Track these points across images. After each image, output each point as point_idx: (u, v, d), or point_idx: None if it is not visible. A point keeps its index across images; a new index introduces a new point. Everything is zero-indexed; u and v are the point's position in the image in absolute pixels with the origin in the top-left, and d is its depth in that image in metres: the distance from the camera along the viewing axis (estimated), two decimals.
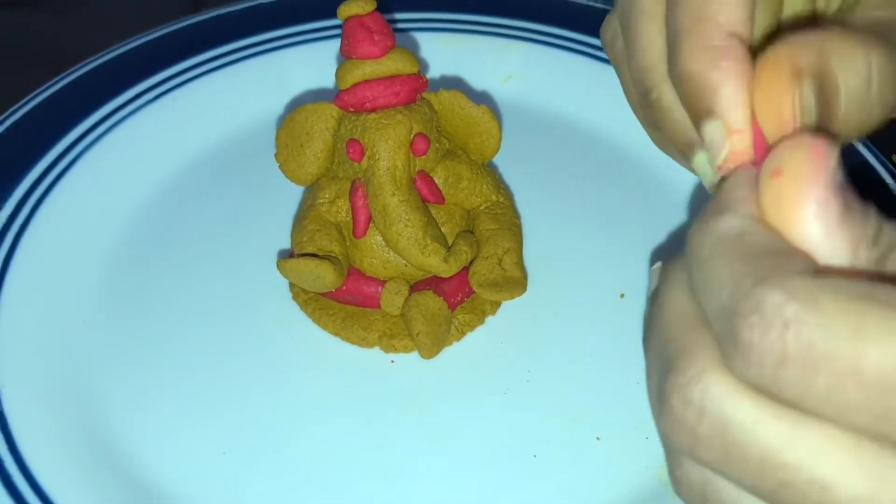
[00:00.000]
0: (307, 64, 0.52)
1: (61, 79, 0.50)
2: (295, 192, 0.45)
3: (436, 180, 0.41)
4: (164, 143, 0.49)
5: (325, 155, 0.40)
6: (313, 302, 0.41)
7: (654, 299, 0.23)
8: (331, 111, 0.40)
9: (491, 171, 0.43)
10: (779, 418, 0.19)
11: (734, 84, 0.24)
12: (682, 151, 0.28)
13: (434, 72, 0.52)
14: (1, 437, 0.36)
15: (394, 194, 0.38)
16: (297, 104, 0.47)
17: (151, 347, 0.40)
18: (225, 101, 0.51)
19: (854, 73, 0.24)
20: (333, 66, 0.40)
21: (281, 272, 0.39)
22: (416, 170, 0.40)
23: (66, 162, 0.46)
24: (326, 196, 0.41)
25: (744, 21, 0.25)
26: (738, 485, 0.21)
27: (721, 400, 0.20)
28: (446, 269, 0.39)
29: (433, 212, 0.40)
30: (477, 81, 0.53)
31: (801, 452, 0.19)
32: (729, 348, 0.19)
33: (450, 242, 0.40)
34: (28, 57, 0.56)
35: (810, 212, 0.20)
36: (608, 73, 0.51)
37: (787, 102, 0.23)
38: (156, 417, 0.38)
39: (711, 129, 0.25)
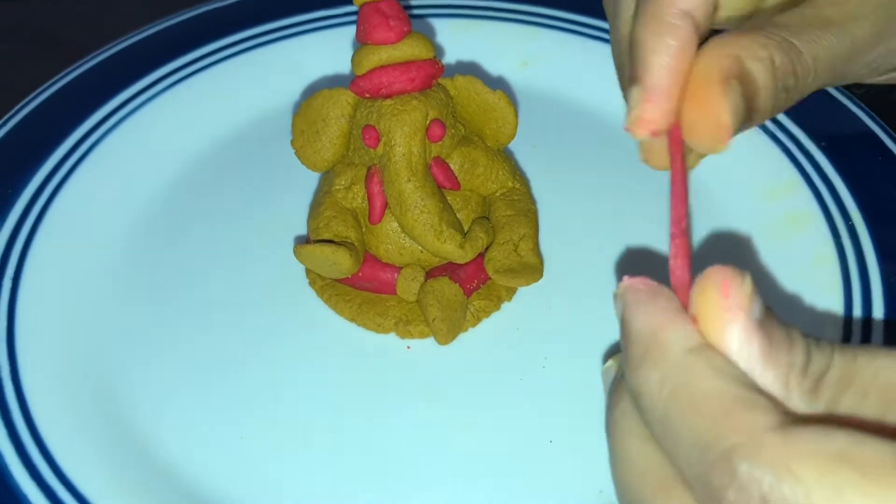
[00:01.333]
0: (323, 50, 0.52)
1: (75, 68, 0.50)
2: (311, 179, 0.45)
3: (451, 166, 0.40)
4: (180, 131, 0.49)
5: (340, 141, 0.40)
6: (329, 288, 0.42)
7: (611, 449, 0.23)
8: (346, 97, 0.40)
9: (507, 157, 0.43)
10: None
11: (667, 60, 0.26)
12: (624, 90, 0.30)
13: (450, 57, 0.52)
14: (23, 422, 0.36)
15: (409, 180, 0.38)
16: (312, 90, 0.47)
17: (170, 334, 0.41)
18: (241, 89, 0.51)
19: (764, 70, 0.26)
20: (349, 53, 0.40)
21: (297, 258, 0.39)
22: (432, 156, 0.40)
23: (83, 150, 0.47)
24: (342, 182, 0.41)
25: (701, 4, 0.26)
26: None
27: None
28: (462, 256, 0.39)
29: (449, 198, 0.40)
30: (493, 67, 0.52)
31: None
32: None
33: (465, 229, 0.40)
34: (42, 48, 0.57)
35: (733, 353, 0.20)
36: None
37: (724, 110, 0.25)
38: (174, 402, 0.38)
39: (632, 94, 0.26)
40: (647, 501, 0.21)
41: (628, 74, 0.28)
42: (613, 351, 0.42)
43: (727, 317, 0.20)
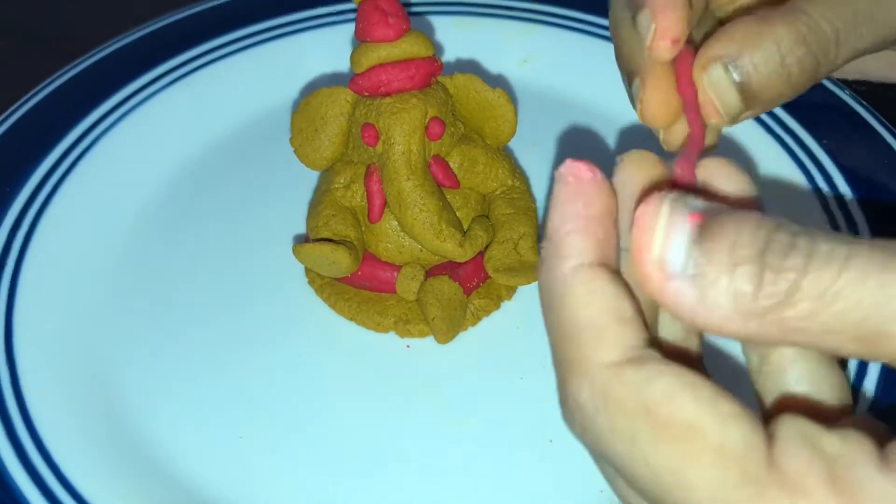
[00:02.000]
0: (322, 48, 0.52)
1: (77, 65, 0.50)
2: (310, 177, 0.45)
3: (451, 165, 0.40)
4: (179, 128, 0.49)
5: (339, 139, 0.40)
6: (329, 287, 0.41)
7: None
8: (346, 95, 0.40)
9: (506, 155, 0.43)
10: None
11: None
12: (625, 75, 0.31)
13: (449, 55, 0.52)
14: (22, 423, 0.36)
15: (409, 179, 0.38)
16: (311, 89, 0.47)
17: (168, 333, 0.41)
18: (240, 86, 0.51)
19: (764, 53, 0.28)
20: (348, 50, 0.40)
21: (296, 257, 0.39)
22: (432, 154, 0.40)
23: (81, 148, 0.47)
24: (341, 181, 0.41)
25: None
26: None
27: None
28: (462, 254, 0.39)
29: (448, 196, 0.40)
30: (492, 65, 0.52)
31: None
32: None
33: (465, 227, 0.40)
34: (42, 45, 0.56)
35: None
36: None
37: (698, 84, 0.28)
38: (173, 402, 0.38)
39: (641, 18, 0.28)
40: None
41: (631, 5, 0.29)
42: None
43: (643, 269, 0.21)
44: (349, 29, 0.51)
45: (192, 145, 0.49)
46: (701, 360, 0.25)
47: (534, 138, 0.48)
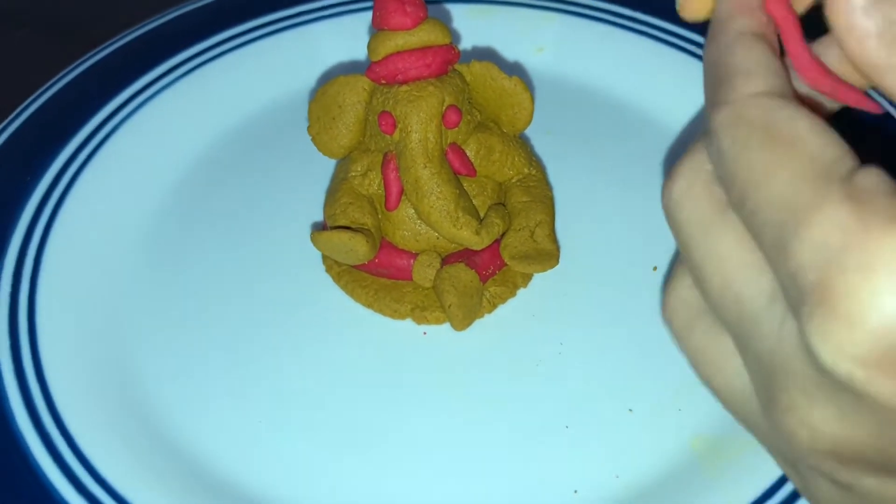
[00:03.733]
0: (339, 36, 0.52)
1: (95, 54, 0.51)
2: (327, 166, 0.45)
3: (467, 152, 0.40)
4: (197, 117, 0.49)
5: (357, 127, 0.41)
6: (346, 274, 0.42)
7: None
8: (363, 83, 0.40)
9: (523, 143, 0.43)
10: (700, 222, 0.23)
11: None
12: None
13: (466, 43, 0.52)
14: (45, 408, 0.37)
15: (425, 167, 0.38)
16: (329, 77, 0.47)
17: (188, 320, 0.41)
18: (257, 75, 0.51)
19: None
20: (365, 39, 0.40)
21: (314, 245, 0.40)
22: (448, 142, 0.40)
23: (99, 138, 0.47)
24: (358, 169, 0.41)
25: None
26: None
27: (676, 200, 0.24)
28: (478, 242, 0.39)
29: (465, 184, 0.40)
30: (509, 53, 0.52)
31: (701, 250, 0.23)
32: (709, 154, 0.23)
33: (481, 215, 0.40)
34: (59, 35, 0.57)
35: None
36: (640, 45, 0.51)
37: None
38: (192, 387, 0.39)
39: None
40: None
41: None
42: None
43: None
44: (366, 17, 0.51)
45: (210, 134, 0.49)
46: None
47: (550, 126, 0.48)
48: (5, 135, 0.46)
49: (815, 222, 0.19)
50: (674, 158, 0.47)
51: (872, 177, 0.19)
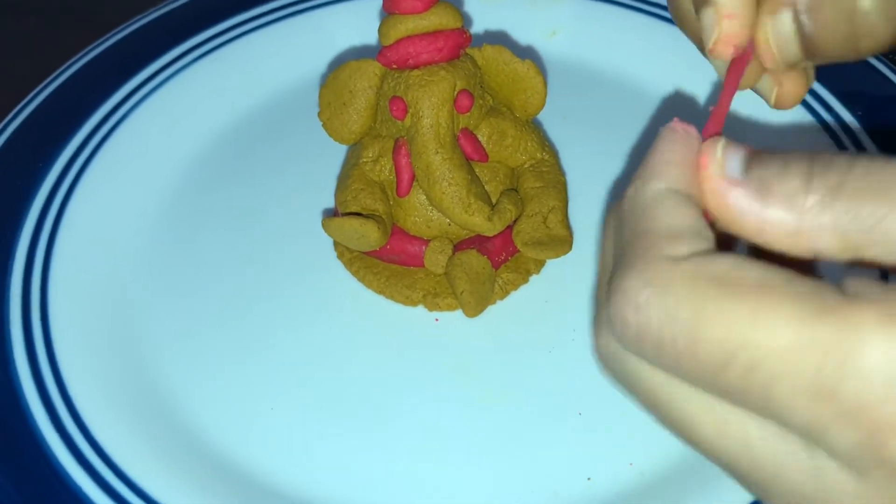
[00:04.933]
0: (350, 21, 0.51)
1: (106, 40, 0.50)
2: (339, 151, 0.45)
3: (479, 138, 0.40)
4: (207, 103, 0.49)
5: (368, 113, 0.40)
6: (358, 261, 0.42)
7: (601, 235, 0.25)
8: (374, 68, 0.40)
9: (535, 128, 0.42)
10: (656, 374, 0.21)
11: None
12: (698, 45, 0.30)
13: (478, 27, 0.52)
14: (59, 395, 0.37)
15: (437, 152, 0.38)
16: (340, 62, 0.47)
17: (198, 306, 0.41)
18: (268, 61, 0.51)
19: (835, 9, 0.26)
20: (376, 23, 0.40)
21: (326, 231, 0.39)
22: (460, 127, 0.39)
23: (111, 124, 0.47)
24: (370, 155, 0.40)
25: None
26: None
27: (615, 353, 0.22)
28: (490, 228, 0.39)
29: (477, 170, 0.40)
30: (521, 36, 0.52)
31: (672, 399, 0.21)
32: (608, 317, 0.21)
33: (494, 201, 0.40)
34: (71, 21, 0.57)
35: (735, 210, 0.21)
36: (655, 27, 0.50)
37: (762, 36, 0.26)
38: (204, 374, 0.39)
39: (706, 15, 0.27)
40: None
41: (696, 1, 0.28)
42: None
43: (707, 184, 0.22)
44: (377, 1, 0.51)
45: (221, 120, 0.49)
46: None
47: (563, 111, 0.47)
48: (19, 120, 0.46)
49: (867, 354, 0.18)
50: None
51: (866, 284, 0.18)
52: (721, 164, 0.22)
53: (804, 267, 0.21)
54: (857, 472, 0.19)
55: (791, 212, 0.20)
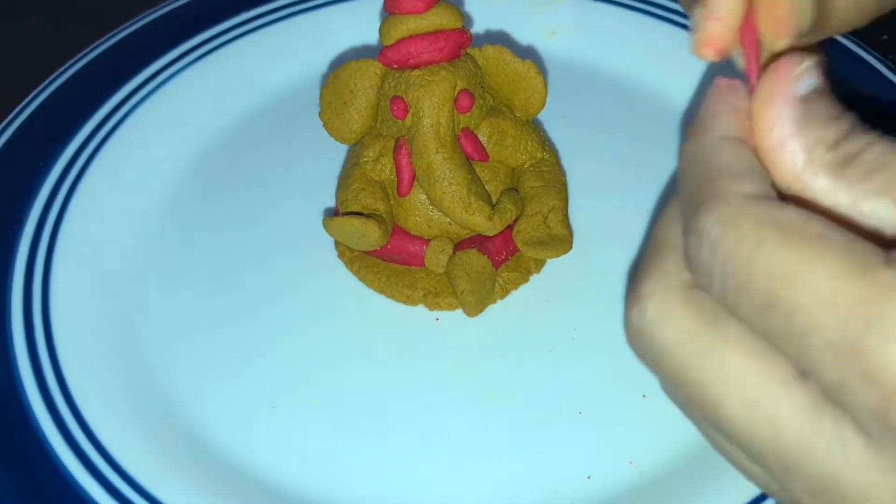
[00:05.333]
0: (351, 21, 0.51)
1: (107, 40, 0.51)
2: (339, 151, 0.45)
3: (480, 137, 0.40)
4: (208, 102, 0.49)
5: (368, 112, 0.40)
6: (359, 260, 0.42)
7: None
8: (374, 68, 0.40)
9: (536, 127, 0.42)
10: (693, 341, 0.21)
11: None
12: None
13: (478, 27, 0.52)
14: (61, 396, 0.37)
15: (438, 152, 0.38)
16: (340, 62, 0.47)
17: (200, 304, 0.41)
18: (269, 60, 0.51)
19: None
20: (377, 23, 0.40)
21: (327, 230, 0.40)
22: (461, 127, 0.39)
23: (113, 123, 0.47)
24: (370, 154, 0.41)
25: None
26: (672, 398, 0.24)
27: (651, 321, 0.22)
28: (491, 227, 0.39)
29: (477, 169, 0.40)
30: (522, 36, 0.52)
31: (705, 373, 0.21)
32: (686, 260, 0.22)
33: (494, 200, 0.40)
34: (73, 20, 0.57)
35: (768, 121, 0.22)
36: (655, 27, 0.51)
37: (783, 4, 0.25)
38: (204, 373, 0.39)
39: (697, 13, 0.27)
40: (647, 252, 0.24)
41: None
42: None
43: (769, 90, 0.22)
44: (378, 1, 0.51)
45: (222, 119, 0.49)
46: None
47: (563, 110, 0.47)
48: (20, 119, 0.46)
49: (892, 317, 0.18)
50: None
51: None
52: (791, 84, 0.22)
53: (865, 235, 0.21)
54: (875, 442, 0.19)
55: (805, 155, 0.21)
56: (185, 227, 0.44)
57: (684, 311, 0.22)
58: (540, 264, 0.42)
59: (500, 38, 0.51)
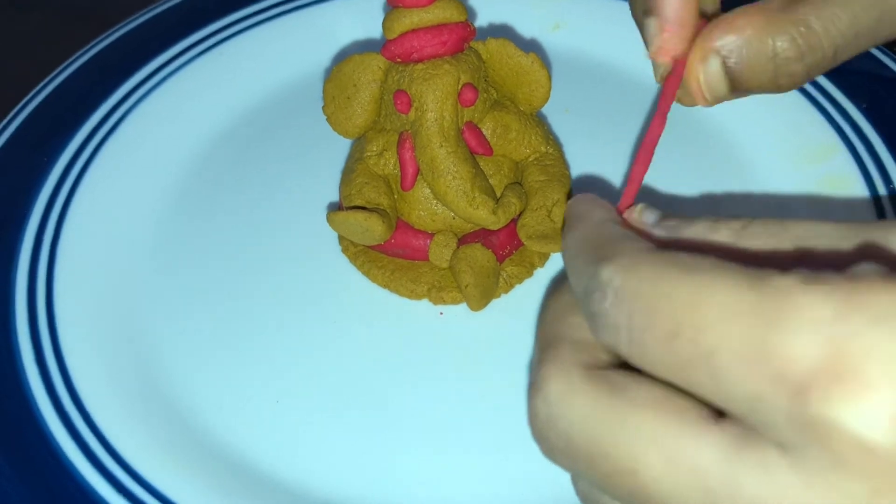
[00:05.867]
0: (354, 15, 0.51)
1: (108, 35, 0.51)
2: (343, 145, 0.45)
3: (484, 131, 0.40)
4: (211, 97, 0.49)
5: (372, 107, 0.40)
6: (362, 254, 0.42)
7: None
8: (378, 62, 0.40)
9: (540, 121, 0.42)
10: (602, 412, 0.21)
11: None
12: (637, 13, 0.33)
13: (482, 20, 0.52)
14: (64, 389, 0.37)
15: (441, 146, 0.38)
16: (344, 56, 0.47)
17: (203, 300, 0.41)
18: (272, 55, 0.51)
19: (758, 50, 0.29)
20: (380, 17, 0.40)
21: (330, 225, 0.40)
22: (464, 121, 0.39)
23: (115, 119, 0.47)
24: (374, 149, 0.40)
25: None
26: (592, 484, 0.23)
27: (556, 404, 0.22)
28: (495, 222, 0.39)
29: (481, 163, 0.40)
30: (525, 29, 0.52)
31: (620, 440, 0.21)
32: (589, 323, 0.23)
33: (498, 194, 0.40)
34: (74, 16, 0.57)
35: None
36: None
37: (693, 77, 0.30)
38: (209, 368, 0.39)
39: (650, 24, 0.30)
40: (549, 324, 0.25)
41: (643, 7, 0.31)
42: None
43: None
44: None
45: (225, 114, 0.49)
46: None
47: (567, 104, 0.47)
48: (22, 116, 0.46)
49: (795, 313, 0.18)
50: (694, 136, 0.47)
51: (799, 275, 0.19)
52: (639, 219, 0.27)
53: None
54: (798, 460, 0.19)
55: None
56: (189, 222, 0.44)
57: (588, 385, 0.22)
58: (544, 258, 0.42)
59: (503, 32, 0.51)
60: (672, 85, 0.30)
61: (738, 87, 0.30)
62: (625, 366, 0.22)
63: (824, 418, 0.18)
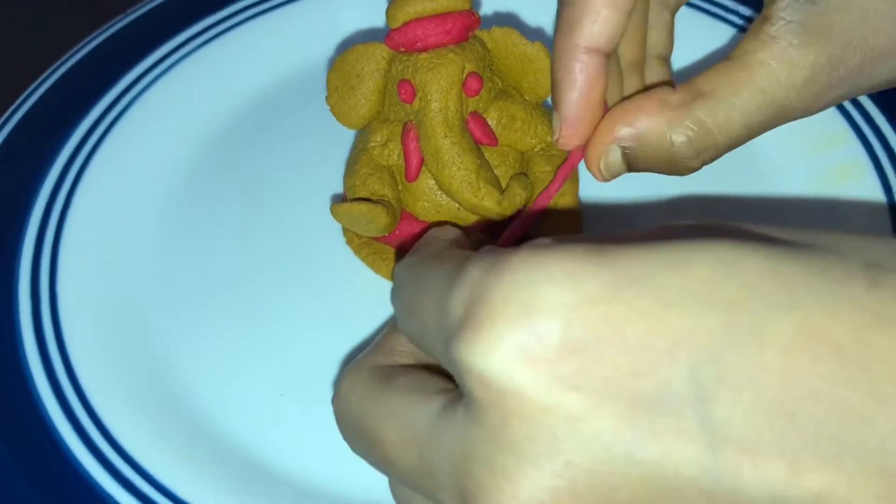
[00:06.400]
0: (357, 4, 0.51)
1: (111, 26, 0.50)
2: (347, 136, 0.45)
3: (489, 121, 0.40)
4: (215, 87, 0.49)
5: (376, 97, 0.40)
6: (367, 246, 0.41)
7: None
8: (381, 51, 0.39)
9: (546, 111, 0.42)
10: (371, 398, 0.25)
11: (576, 96, 0.32)
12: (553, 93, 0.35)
13: (486, 8, 0.51)
14: (68, 382, 0.37)
15: (446, 136, 0.38)
16: (347, 46, 0.46)
17: (207, 292, 0.41)
18: (275, 45, 0.50)
19: (654, 142, 0.31)
20: (384, 6, 0.39)
21: (334, 216, 0.39)
22: (469, 110, 0.39)
23: (118, 110, 0.47)
24: (378, 139, 0.40)
25: (606, 38, 0.31)
26: (374, 466, 0.27)
27: (346, 396, 0.27)
28: (500, 212, 0.38)
29: (486, 154, 0.40)
30: (530, 18, 0.51)
31: (375, 420, 0.25)
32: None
33: (503, 185, 0.40)
34: (77, 6, 0.57)
35: None
36: None
37: (594, 162, 0.33)
38: (212, 360, 0.39)
39: (555, 118, 0.33)
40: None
41: (552, 100, 0.33)
42: None
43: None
44: None
45: (229, 105, 0.49)
46: None
47: None
48: (23, 109, 0.46)
49: (459, 279, 0.21)
50: None
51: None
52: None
53: None
54: (465, 407, 0.21)
55: None
56: (192, 215, 0.44)
57: (367, 379, 0.25)
58: None
59: (508, 20, 0.51)
60: (570, 166, 0.36)
61: (635, 170, 0.33)
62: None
63: (458, 360, 0.20)
